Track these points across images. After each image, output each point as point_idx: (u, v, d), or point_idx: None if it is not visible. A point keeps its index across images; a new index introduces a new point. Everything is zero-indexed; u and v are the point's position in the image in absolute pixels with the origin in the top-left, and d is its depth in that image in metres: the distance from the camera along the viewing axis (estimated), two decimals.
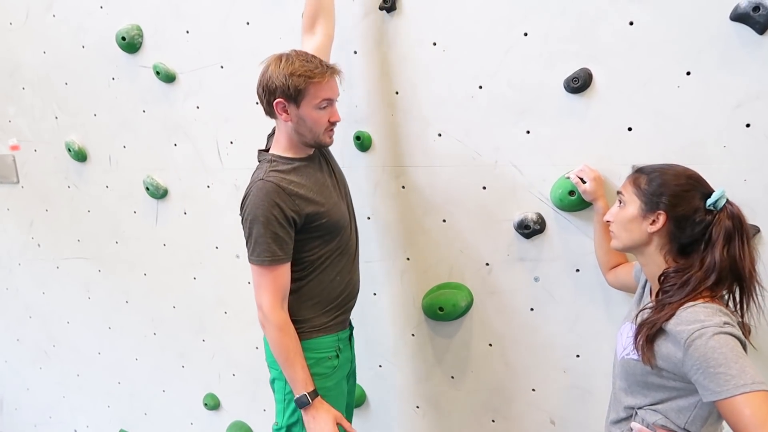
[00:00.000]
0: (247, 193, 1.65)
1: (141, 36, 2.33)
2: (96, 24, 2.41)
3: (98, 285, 2.80)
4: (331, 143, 1.72)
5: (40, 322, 3.03)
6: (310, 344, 1.73)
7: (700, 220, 1.32)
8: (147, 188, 2.48)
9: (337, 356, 1.79)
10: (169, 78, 2.31)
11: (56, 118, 2.62)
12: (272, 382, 1.82)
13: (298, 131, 1.66)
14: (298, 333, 1.70)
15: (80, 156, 2.59)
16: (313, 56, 1.64)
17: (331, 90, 1.65)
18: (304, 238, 1.68)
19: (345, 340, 1.85)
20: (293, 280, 1.70)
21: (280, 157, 1.69)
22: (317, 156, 1.77)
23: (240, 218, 1.68)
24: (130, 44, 2.32)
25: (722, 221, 1.31)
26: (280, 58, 1.62)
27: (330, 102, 1.65)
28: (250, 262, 1.66)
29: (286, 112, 1.63)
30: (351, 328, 1.93)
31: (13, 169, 2.80)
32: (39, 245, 2.89)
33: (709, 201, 1.32)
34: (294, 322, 1.70)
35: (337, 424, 1.70)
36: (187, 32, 2.25)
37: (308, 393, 1.66)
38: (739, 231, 1.31)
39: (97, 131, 2.55)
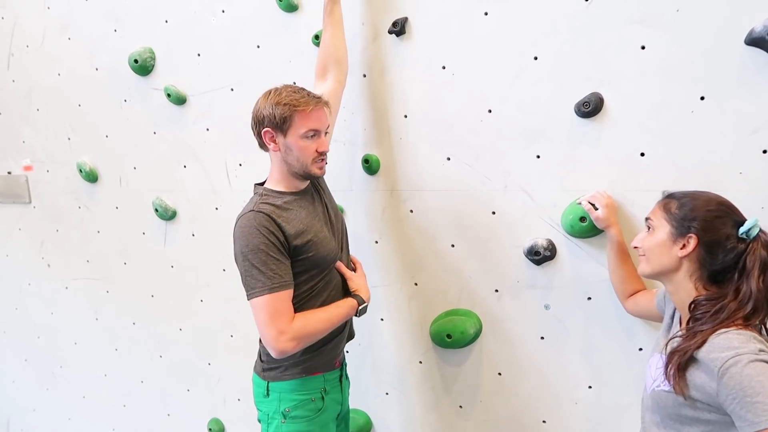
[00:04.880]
0: (237, 228, 1.61)
1: (153, 59, 2.35)
2: (110, 46, 2.44)
3: (106, 306, 2.79)
4: (320, 174, 1.70)
5: (49, 343, 3.03)
6: (293, 385, 1.69)
7: (731, 248, 1.29)
8: (156, 210, 2.48)
9: (322, 398, 1.73)
10: (180, 100, 2.32)
11: (69, 139, 2.65)
12: (259, 421, 1.79)
13: (286, 161, 1.65)
14: (280, 374, 1.69)
15: (91, 177, 2.60)
16: (302, 88, 1.65)
17: (318, 120, 1.63)
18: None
19: (333, 381, 1.78)
20: None
21: (272, 190, 1.68)
22: (310, 191, 1.75)
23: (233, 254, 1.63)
24: (143, 66, 2.34)
25: (757, 251, 1.28)
26: (269, 91, 1.65)
27: (317, 132, 1.63)
28: (255, 296, 1.56)
29: (274, 141, 1.63)
30: (343, 368, 1.86)
31: (26, 189, 2.82)
32: (49, 265, 2.89)
33: (742, 229, 1.29)
34: (276, 361, 1.68)
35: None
36: (199, 55, 2.27)
37: (358, 306, 1.73)
38: None
39: (108, 152, 2.57)
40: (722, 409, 1.20)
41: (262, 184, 1.75)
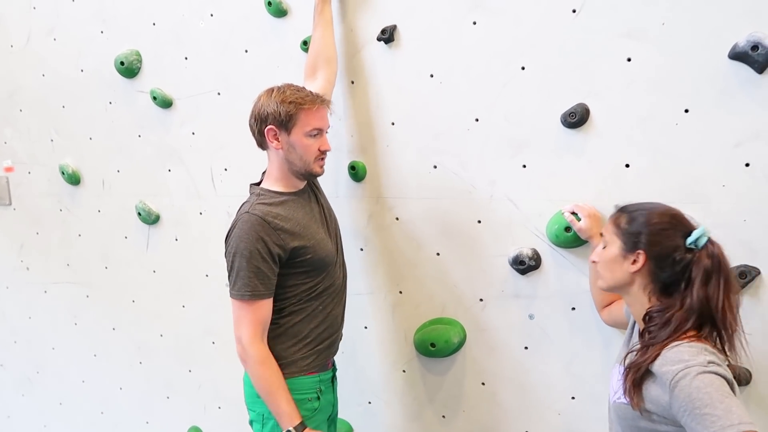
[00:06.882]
0: (233, 226, 1.64)
1: (140, 61, 2.33)
2: (96, 48, 2.42)
3: (86, 311, 2.75)
4: (321, 173, 1.72)
5: (26, 348, 2.97)
6: (289, 384, 1.68)
7: (680, 259, 1.30)
8: (139, 213, 2.45)
9: (318, 398, 1.73)
10: (165, 103, 2.31)
11: (52, 140, 2.61)
12: (251, 423, 1.78)
13: (288, 159, 1.66)
14: None
15: (74, 179, 2.57)
16: (303, 87, 1.67)
17: (321, 119, 1.66)
18: (289, 273, 1.65)
19: (327, 381, 1.80)
20: (274, 316, 1.67)
21: (269, 190, 1.68)
22: (307, 191, 1.76)
23: (224, 249, 1.66)
24: (129, 69, 2.32)
25: (701, 260, 1.28)
26: (271, 89, 1.66)
27: (320, 131, 1.67)
28: (231, 296, 1.64)
29: (277, 139, 1.64)
30: (334, 369, 1.88)
31: (6, 190, 2.78)
32: (28, 268, 2.85)
33: (689, 239, 1.30)
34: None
35: None
36: (186, 59, 2.25)
37: (294, 427, 1.62)
38: (718, 271, 1.28)
39: (92, 155, 2.54)
40: (677, 421, 1.21)
41: (258, 183, 1.75)
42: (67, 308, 2.79)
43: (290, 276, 1.66)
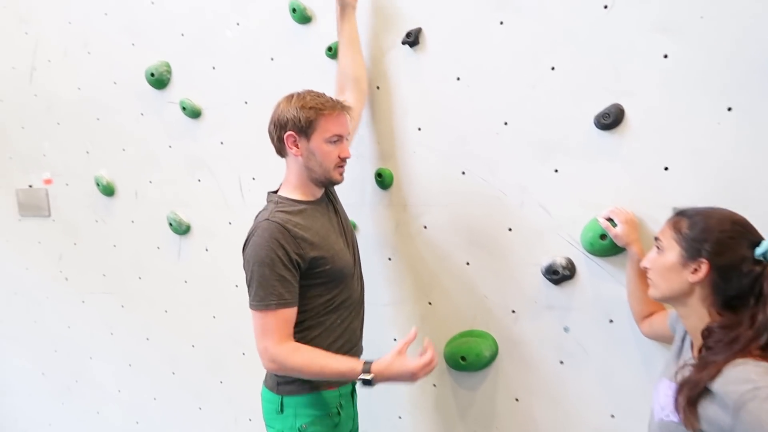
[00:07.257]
0: (251, 234, 1.60)
1: (169, 72, 2.36)
2: (127, 60, 2.45)
3: (121, 321, 2.78)
4: (341, 180, 1.69)
5: (65, 357, 3.03)
6: (310, 399, 1.64)
7: (747, 272, 1.20)
8: (170, 224, 2.46)
9: (339, 413, 1.69)
10: (194, 113, 2.32)
11: (87, 152, 2.66)
12: None
13: (308, 166, 1.63)
14: (296, 387, 1.63)
15: (108, 190, 2.61)
16: (323, 93, 1.64)
17: (342, 126, 1.63)
18: (306, 284, 1.61)
19: (347, 396, 1.75)
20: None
21: (287, 198, 1.66)
22: (325, 200, 1.73)
23: (243, 260, 1.62)
24: (159, 80, 2.35)
25: None
26: (291, 95, 1.64)
27: (340, 138, 1.63)
28: (251, 308, 1.57)
29: (296, 146, 1.61)
30: (354, 383, 1.82)
31: (46, 202, 2.84)
32: (67, 279, 2.90)
33: (759, 251, 1.19)
34: (292, 376, 1.62)
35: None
36: (214, 68, 2.26)
37: (364, 375, 1.54)
38: None
39: (125, 166, 2.58)
40: None
41: (276, 191, 1.72)
42: (104, 318, 2.83)
43: (307, 288, 1.61)
